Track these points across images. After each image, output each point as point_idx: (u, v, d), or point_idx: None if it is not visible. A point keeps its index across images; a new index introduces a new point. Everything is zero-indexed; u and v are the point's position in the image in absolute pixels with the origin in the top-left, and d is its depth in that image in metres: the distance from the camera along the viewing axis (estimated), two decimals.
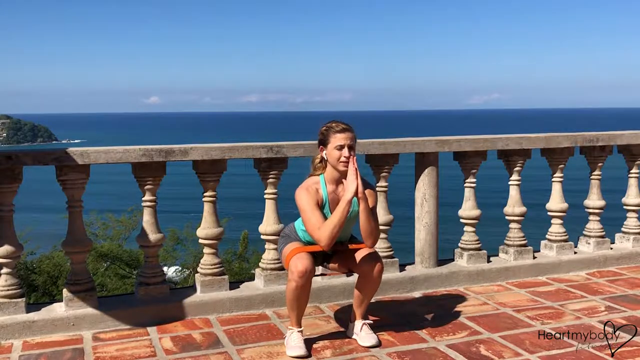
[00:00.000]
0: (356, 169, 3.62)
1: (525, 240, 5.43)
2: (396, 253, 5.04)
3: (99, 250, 16.09)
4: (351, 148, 3.71)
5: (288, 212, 4.50)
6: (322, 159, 3.82)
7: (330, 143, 3.72)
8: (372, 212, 3.73)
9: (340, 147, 3.69)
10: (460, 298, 4.81)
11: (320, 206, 3.74)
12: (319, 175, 3.84)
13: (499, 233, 5.74)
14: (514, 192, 5.43)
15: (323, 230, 3.58)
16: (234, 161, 4.55)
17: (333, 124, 3.77)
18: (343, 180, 3.76)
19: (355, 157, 3.69)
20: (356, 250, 3.84)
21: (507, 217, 5.46)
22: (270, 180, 4.67)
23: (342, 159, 3.69)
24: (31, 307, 4.21)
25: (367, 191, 3.75)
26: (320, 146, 3.81)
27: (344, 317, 4.29)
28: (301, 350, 3.69)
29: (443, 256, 5.29)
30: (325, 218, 3.69)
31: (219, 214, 4.70)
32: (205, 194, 4.56)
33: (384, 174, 4.95)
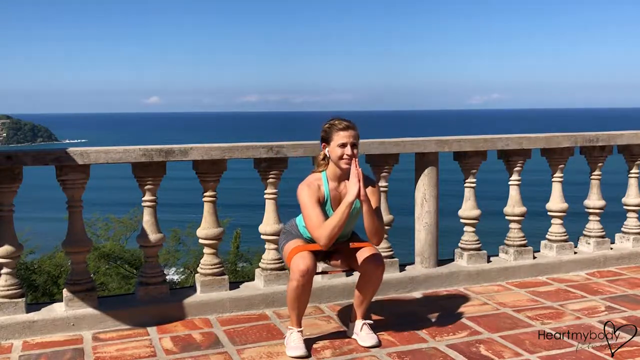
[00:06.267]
0: (358, 171, 3.62)
1: (525, 240, 5.43)
2: (396, 253, 5.04)
3: (101, 250, 16.09)
4: (354, 146, 3.71)
5: (289, 211, 4.50)
6: (325, 156, 3.83)
7: (333, 140, 3.72)
8: (376, 211, 3.73)
9: (343, 145, 3.69)
10: (461, 298, 4.80)
11: (322, 203, 3.74)
12: (321, 172, 3.85)
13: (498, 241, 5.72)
14: (514, 192, 5.43)
15: (322, 230, 3.58)
16: (233, 161, 4.55)
17: (336, 122, 3.77)
18: (346, 179, 3.75)
19: (357, 160, 3.69)
20: (358, 248, 3.84)
21: (507, 217, 5.46)
22: (270, 180, 4.67)
23: (345, 157, 3.69)
24: (31, 307, 4.21)
25: (369, 190, 3.75)
26: (323, 143, 3.81)
27: (344, 317, 4.29)
28: (301, 351, 3.69)
29: (443, 256, 5.29)
30: (327, 215, 3.68)
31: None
32: (205, 194, 4.56)
33: (384, 174, 4.95)
